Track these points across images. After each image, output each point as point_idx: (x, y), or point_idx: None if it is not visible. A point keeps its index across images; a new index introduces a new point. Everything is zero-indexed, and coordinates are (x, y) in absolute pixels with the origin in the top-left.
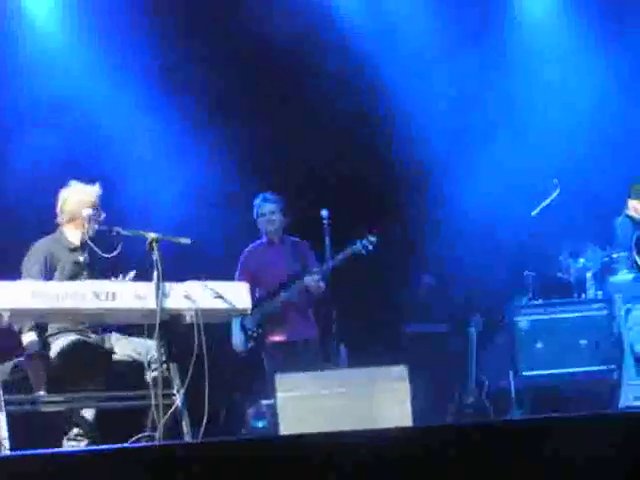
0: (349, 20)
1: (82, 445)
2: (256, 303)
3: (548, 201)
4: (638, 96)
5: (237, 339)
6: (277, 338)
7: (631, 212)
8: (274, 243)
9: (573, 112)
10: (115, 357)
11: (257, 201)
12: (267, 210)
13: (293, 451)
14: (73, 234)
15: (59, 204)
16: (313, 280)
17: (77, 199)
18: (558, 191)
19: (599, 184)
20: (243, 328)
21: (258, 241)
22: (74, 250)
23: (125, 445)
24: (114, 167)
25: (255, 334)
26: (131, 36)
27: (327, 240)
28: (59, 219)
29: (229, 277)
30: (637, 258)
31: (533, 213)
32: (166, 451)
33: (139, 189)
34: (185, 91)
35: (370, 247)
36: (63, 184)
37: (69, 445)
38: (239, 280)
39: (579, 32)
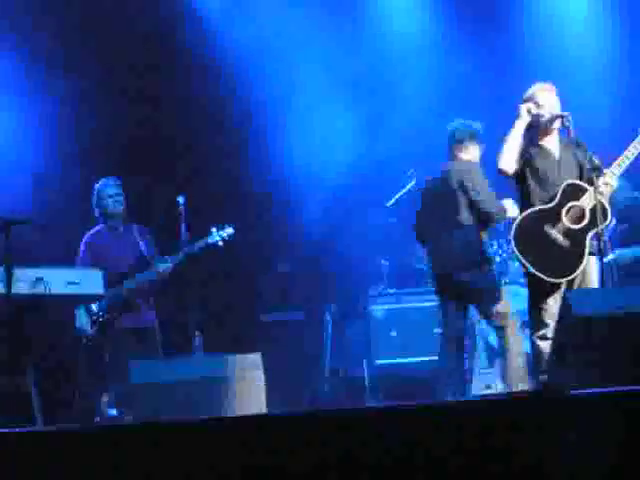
0: None
1: None
2: None
3: (404, 191)
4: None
5: (81, 323)
6: (122, 324)
7: None
8: (117, 229)
9: (433, 102)
10: None
11: (98, 186)
12: (111, 194)
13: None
14: None
15: None
16: (165, 269)
17: None
18: (414, 182)
19: None
20: (88, 312)
21: (100, 226)
22: None
23: None
24: None
25: (100, 319)
26: None
27: (183, 227)
28: None
29: (68, 262)
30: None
31: (389, 204)
32: None
33: None
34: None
35: (226, 238)
36: None
37: None
38: (81, 265)
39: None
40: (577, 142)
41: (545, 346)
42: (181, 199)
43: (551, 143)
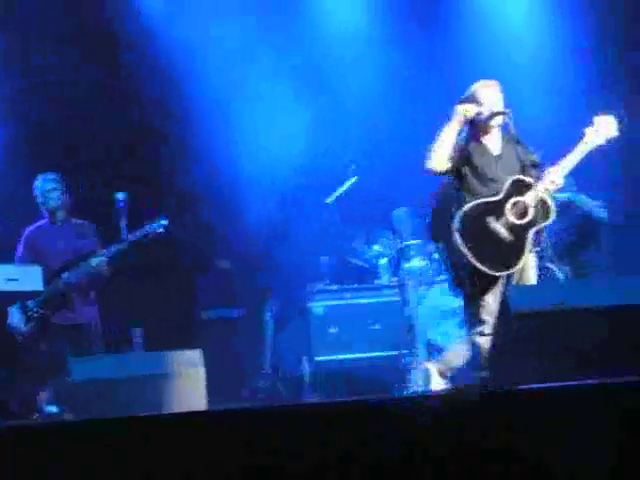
0: None
1: None
2: None
3: (345, 187)
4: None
5: (15, 319)
6: (59, 320)
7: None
8: (57, 223)
9: (374, 98)
10: None
11: (37, 182)
12: (48, 189)
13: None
14: None
15: None
16: (99, 262)
17: None
18: (356, 178)
19: (395, 172)
20: (23, 308)
21: (41, 221)
22: None
23: None
24: None
25: (36, 314)
26: None
27: (122, 224)
28: None
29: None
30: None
31: (329, 200)
32: None
33: None
34: None
35: (161, 230)
36: None
37: None
38: (20, 261)
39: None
40: (517, 140)
41: (484, 342)
42: (120, 196)
43: (492, 140)
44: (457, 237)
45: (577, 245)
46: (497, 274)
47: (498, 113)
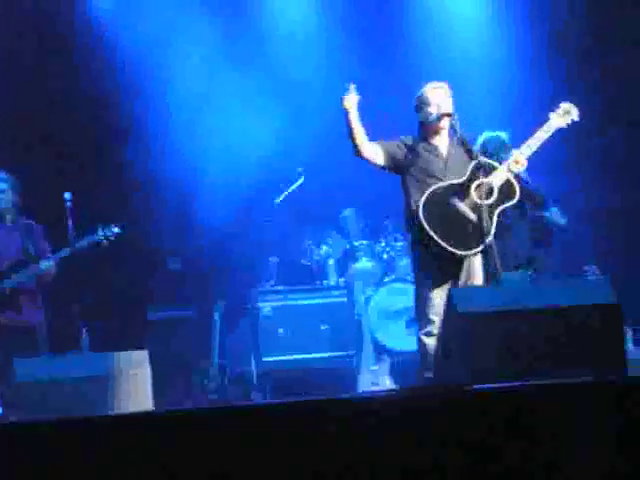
0: None
1: None
2: None
3: (292, 188)
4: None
5: None
6: (5, 321)
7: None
8: (4, 223)
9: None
10: None
11: None
12: None
13: None
14: None
15: None
16: (47, 265)
17: None
18: (303, 179)
19: (344, 173)
20: None
21: None
22: None
23: None
24: None
25: None
26: None
27: (70, 224)
28: None
29: None
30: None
31: (277, 200)
32: None
33: None
34: None
35: (112, 237)
36: None
37: None
38: None
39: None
40: (463, 141)
41: (431, 343)
42: (68, 195)
43: (440, 141)
44: (422, 220)
45: (533, 248)
46: (463, 254)
47: (446, 114)
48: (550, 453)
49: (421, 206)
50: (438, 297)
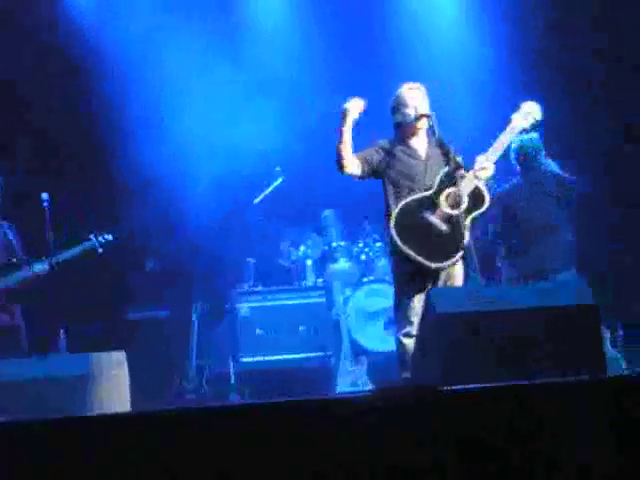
0: None
1: None
2: None
3: (271, 189)
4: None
5: None
6: None
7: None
8: None
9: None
10: None
11: None
12: None
13: None
14: None
15: None
16: (40, 268)
17: None
18: (281, 179)
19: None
20: None
21: None
22: None
23: None
24: None
25: None
26: None
27: (47, 225)
28: None
29: None
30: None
31: (256, 201)
32: None
33: None
34: None
35: (105, 244)
36: None
37: None
38: None
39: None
40: (441, 142)
41: (410, 344)
42: (45, 196)
43: (418, 142)
44: (395, 235)
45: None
46: (438, 266)
47: (424, 115)
48: (527, 454)
49: (393, 224)
50: (418, 298)
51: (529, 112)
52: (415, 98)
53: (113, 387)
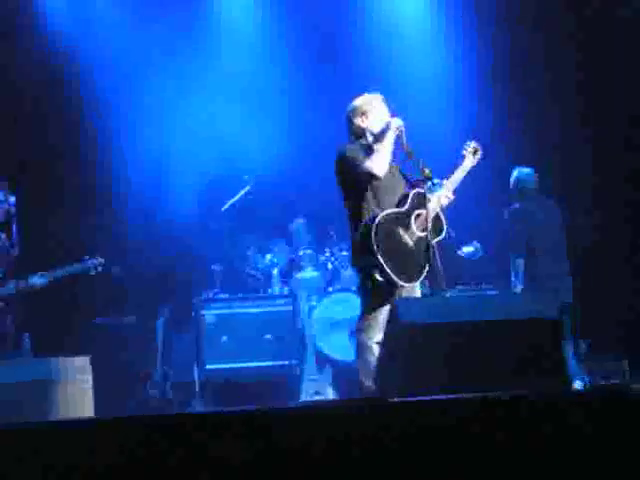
0: None
1: None
2: None
3: (238, 197)
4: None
5: None
6: None
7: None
8: None
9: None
10: None
11: None
12: None
13: None
14: None
15: None
16: (39, 282)
17: None
18: (249, 187)
19: (291, 183)
20: None
21: None
22: None
23: None
24: None
25: None
26: None
27: (14, 227)
28: None
29: None
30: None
31: (223, 208)
32: None
33: None
34: None
35: (100, 268)
36: None
37: None
38: None
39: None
40: (410, 152)
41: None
42: (12, 198)
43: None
44: (373, 245)
45: None
46: (407, 285)
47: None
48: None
49: (374, 232)
50: (386, 308)
51: (475, 151)
52: (379, 109)
53: (77, 392)
